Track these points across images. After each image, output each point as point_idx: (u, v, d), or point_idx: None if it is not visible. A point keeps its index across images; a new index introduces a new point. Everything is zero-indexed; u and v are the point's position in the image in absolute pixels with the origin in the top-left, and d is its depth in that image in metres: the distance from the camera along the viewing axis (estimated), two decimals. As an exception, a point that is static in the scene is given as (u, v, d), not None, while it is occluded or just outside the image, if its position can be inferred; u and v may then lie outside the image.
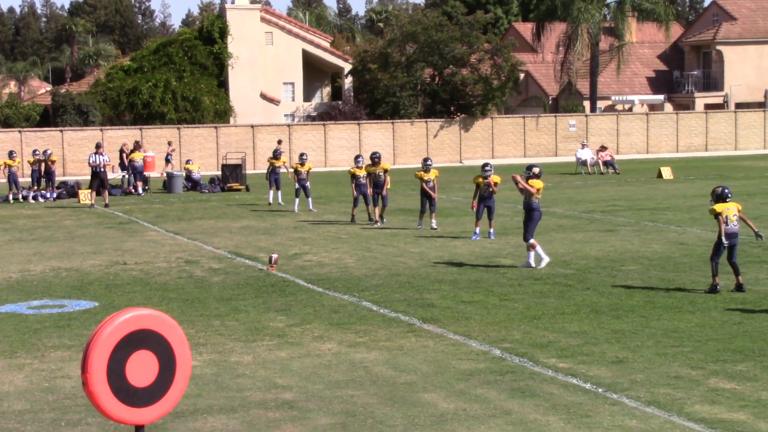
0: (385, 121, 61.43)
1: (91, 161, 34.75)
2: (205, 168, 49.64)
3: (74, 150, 52.00)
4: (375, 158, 28.00)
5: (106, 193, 34.82)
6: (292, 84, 68.57)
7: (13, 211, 33.79)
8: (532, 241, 19.69)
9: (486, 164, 24.43)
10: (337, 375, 12.00)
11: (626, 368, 12.00)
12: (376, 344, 13.45)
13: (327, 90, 72.90)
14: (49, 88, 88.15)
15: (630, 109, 73.46)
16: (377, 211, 27.64)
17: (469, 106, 64.13)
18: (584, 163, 48.98)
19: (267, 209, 32.44)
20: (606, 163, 48.83)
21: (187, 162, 40.64)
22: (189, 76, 61.44)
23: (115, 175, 42.93)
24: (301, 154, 32.58)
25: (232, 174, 41.63)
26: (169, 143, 47.43)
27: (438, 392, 11.16)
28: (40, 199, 37.30)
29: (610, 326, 14.22)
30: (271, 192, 33.21)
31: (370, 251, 22.39)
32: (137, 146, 41.58)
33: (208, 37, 63.41)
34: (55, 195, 37.87)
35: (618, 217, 28.32)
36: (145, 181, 40.74)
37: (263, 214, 31.37)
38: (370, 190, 27.73)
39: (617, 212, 29.59)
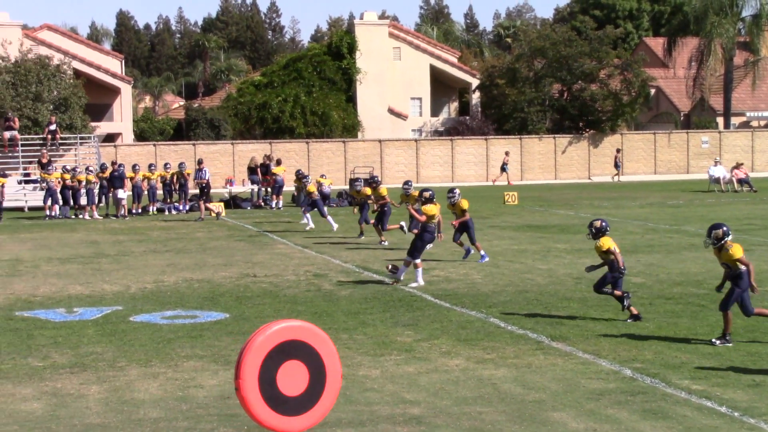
0: (513, 136, 61.18)
1: (196, 178, 36.11)
2: (333, 182, 50.06)
3: (206, 163, 52.81)
4: (374, 182, 28.35)
5: (200, 204, 35.87)
6: (420, 99, 68.78)
7: (148, 222, 34.60)
8: (417, 261, 19.81)
9: (451, 190, 23.98)
10: (465, 391, 11.94)
11: (764, 392, 11.67)
12: (504, 361, 13.35)
13: (454, 105, 72.94)
14: (182, 102, 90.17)
15: (766, 126, 71.74)
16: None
17: (598, 122, 63.47)
18: (717, 180, 47.99)
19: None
20: (741, 181, 47.77)
21: (321, 176, 41.15)
22: (318, 91, 62.14)
23: (245, 188, 43.61)
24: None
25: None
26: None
27: (567, 411, 11.02)
28: (173, 212, 38.10)
29: (746, 348, 13.86)
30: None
31: (497, 267, 22.28)
32: (279, 162, 42.33)
33: (337, 53, 64.05)
34: (187, 207, 38.63)
35: (754, 236, 27.61)
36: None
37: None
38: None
39: (753, 231, 28.87)
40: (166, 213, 38.14)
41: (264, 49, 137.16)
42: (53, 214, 36.70)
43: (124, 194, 36.92)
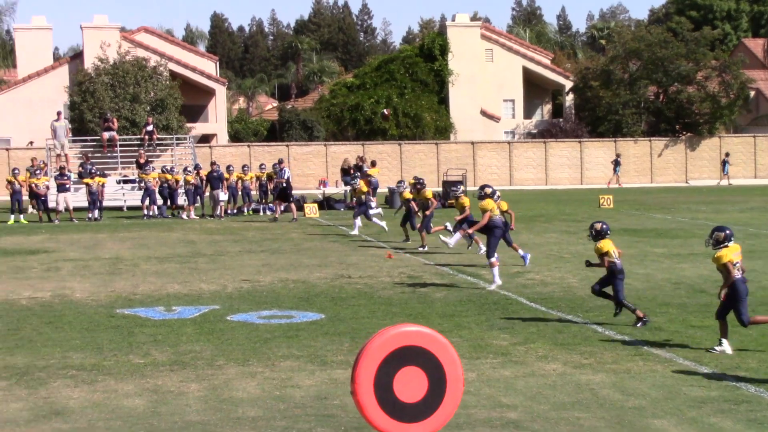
0: (607, 139, 60.56)
1: (277, 178, 36.45)
2: (430, 184, 49.98)
3: (299, 164, 53.38)
4: (419, 185, 27.77)
5: (290, 206, 36.14)
6: (512, 101, 68.52)
7: (243, 223, 34.96)
8: (492, 260, 19.67)
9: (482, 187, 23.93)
10: (562, 396, 11.83)
11: None
12: (602, 366, 13.20)
13: (547, 107, 72.47)
14: (275, 104, 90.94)
15: None
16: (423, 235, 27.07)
17: (695, 125, 62.53)
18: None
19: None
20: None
21: (414, 178, 41.17)
22: (410, 93, 62.23)
23: (338, 189, 43.82)
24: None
25: (452, 190, 41.75)
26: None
27: (668, 419, 10.84)
28: (268, 212, 38.44)
29: None
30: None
31: (593, 271, 22.00)
32: (374, 163, 42.52)
33: (429, 54, 64.07)
34: (282, 208, 38.92)
35: None
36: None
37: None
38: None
39: None
40: (261, 213, 38.50)
41: (356, 51, 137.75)
42: (151, 213, 37.29)
43: (224, 195, 37.43)
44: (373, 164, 42.66)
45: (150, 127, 45.74)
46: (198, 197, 38.15)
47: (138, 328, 16.03)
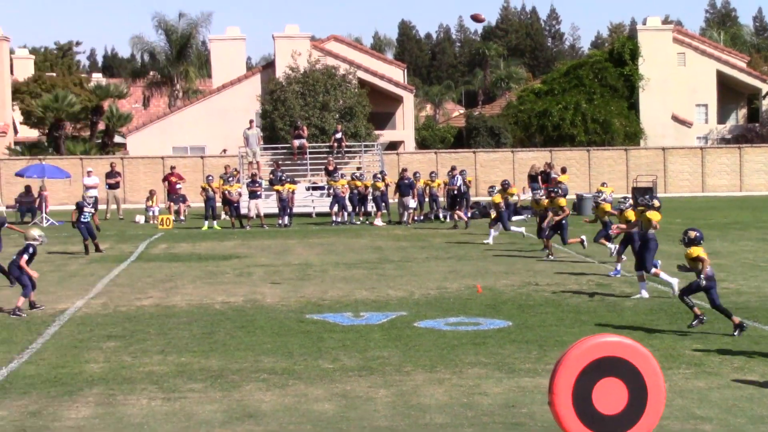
0: (807, 144, 58.31)
1: (449, 184, 36.46)
2: (615, 191, 49.15)
3: (486, 171, 53.28)
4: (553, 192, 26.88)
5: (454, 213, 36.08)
6: (705, 106, 66.78)
7: (430, 230, 35.08)
8: (652, 270, 19.24)
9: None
10: (761, 409, 11.41)
11: None
12: (803, 380, 12.68)
13: (743, 112, 70.30)
14: (462, 110, 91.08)
15: None
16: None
17: None
18: None
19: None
20: None
21: (602, 185, 40.60)
22: (599, 98, 61.41)
23: (525, 196, 43.56)
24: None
25: (642, 197, 40.99)
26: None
27: None
28: (449, 219, 38.44)
29: None
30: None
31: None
32: (564, 170, 42.21)
33: (619, 59, 63.08)
34: (469, 214, 38.92)
35: None
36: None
37: (674, 237, 30.66)
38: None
39: None
40: (447, 220, 38.49)
41: (543, 57, 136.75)
42: (339, 219, 37.83)
43: (413, 203, 37.69)
44: (563, 171, 42.27)
45: (339, 135, 46.45)
46: (384, 204, 38.51)
47: (327, 333, 16.26)
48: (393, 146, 60.45)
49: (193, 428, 11.08)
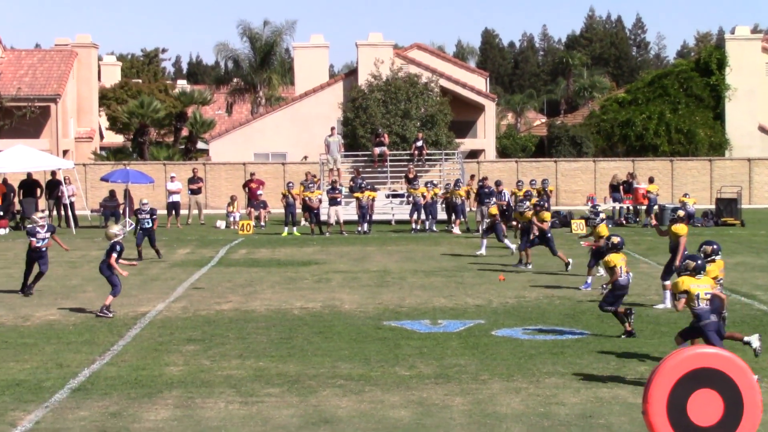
0: None
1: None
2: (699, 202, 48.54)
3: (567, 180, 52.91)
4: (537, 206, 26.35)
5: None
6: (793, 116, 65.52)
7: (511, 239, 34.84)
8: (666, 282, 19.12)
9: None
10: None
11: None
12: None
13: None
14: (544, 119, 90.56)
15: None
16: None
17: None
18: None
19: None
20: None
21: (684, 195, 40.22)
22: (684, 108, 60.70)
23: (606, 206, 43.19)
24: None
25: (726, 208, 40.49)
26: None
27: None
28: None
29: None
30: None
31: None
32: (651, 180, 41.86)
33: (705, 69, 62.28)
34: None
35: None
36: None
37: (758, 249, 30.16)
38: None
39: None
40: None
41: (628, 66, 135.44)
42: (419, 227, 37.80)
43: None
44: (651, 181, 41.85)
45: (420, 143, 46.47)
46: (462, 212, 38.35)
47: (404, 340, 16.27)
48: (473, 155, 60.32)
49: (269, 432, 11.15)
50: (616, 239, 17.17)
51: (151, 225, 28.17)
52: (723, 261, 15.25)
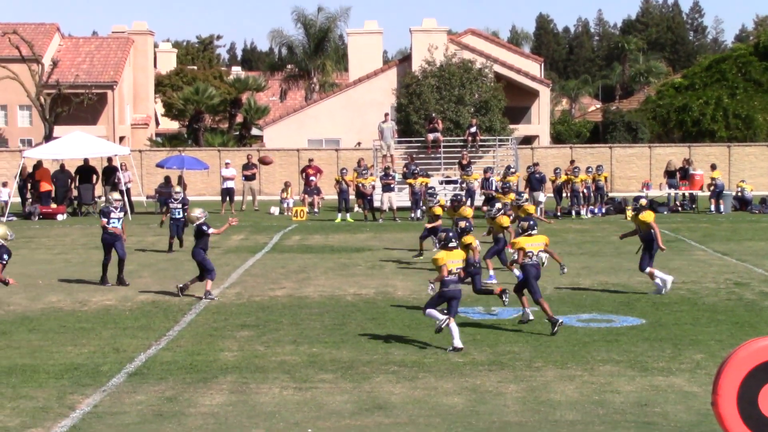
0: None
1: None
2: (757, 188, 47.95)
3: (622, 166, 52.49)
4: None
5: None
6: None
7: (564, 225, 34.71)
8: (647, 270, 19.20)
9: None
10: None
11: None
12: None
13: None
14: (599, 105, 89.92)
15: None
16: None
17: None
18: None
19: (823, 233, 30.61)
20: None
21: (741, 181, 39.77)
22: (742, 93, 59.94)
23: (661, 192, 42.81)
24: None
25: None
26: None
27: None
28: (589, 215, 37.99)
29: None
30: None
31: None
32: (714, 167, 41.52)
33: (764, 53, 61.45)
34: (603, 210, 38.44)
35: None
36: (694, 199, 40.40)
37: (819, 238, 29.76)
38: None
39: None
40: (575, 216, 37.83)
41: (684, 51, 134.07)
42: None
43: (543, 197, 37.27)
44: (713, 167, 41.45)
45: (473, 129, 46.29)
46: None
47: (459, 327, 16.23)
48: (528, 141, 60.01)
49: (323, 418, 11.21)
50: (463, 223, 18.17)
51: (182, 215, 26.93)
52: None
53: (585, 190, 37.98)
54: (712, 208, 39.09)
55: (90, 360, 14.10)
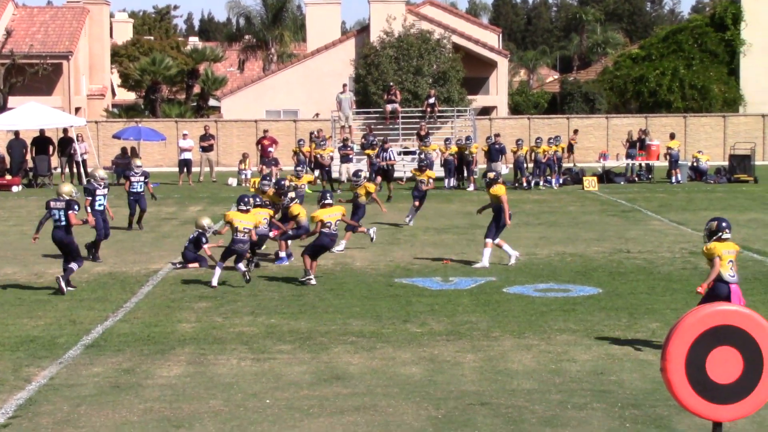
0: None
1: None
2: (712, 158, 48.34)
3: (580, 137, 52.64)
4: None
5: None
6: (809, 71, 65.01)
7: (521, 195, 34.84)
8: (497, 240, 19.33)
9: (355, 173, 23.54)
10: None
11: None
12: None
13: None
14: (556, 76, 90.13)
15: None
16: None
17: None
18: None
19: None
20: None
21: (698, 152, 40.05)
22: (698, 64, 60.31)
23: (618, 163, 43.06)
24: None
25: (739, 165, 40.34)
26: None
27: None
28: (546, 185, 38.16)
29: None
30: None
31: None
32: (672, 136, 41.81)
33: (720, 24, 61.80)
34: (560, 181, 38.62)
35: None
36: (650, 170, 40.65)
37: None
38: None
39: None
40: (540, 187, 38.08)
41: (642, 22, 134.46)
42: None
43: (505, 169, 37.35)
44: (672, 137, 41.76)
45: (432, 100, 46.27)
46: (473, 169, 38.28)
47: (415, 297, 16.31)
48: (486, 111, 60.11)
49: (281, 389, 11.21)
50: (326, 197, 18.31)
51: (142, 189, 25.79)
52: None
53: (548, 162, 38.14)
54: (673, 179, 39.35)
55: (46, 332, 14.01)
